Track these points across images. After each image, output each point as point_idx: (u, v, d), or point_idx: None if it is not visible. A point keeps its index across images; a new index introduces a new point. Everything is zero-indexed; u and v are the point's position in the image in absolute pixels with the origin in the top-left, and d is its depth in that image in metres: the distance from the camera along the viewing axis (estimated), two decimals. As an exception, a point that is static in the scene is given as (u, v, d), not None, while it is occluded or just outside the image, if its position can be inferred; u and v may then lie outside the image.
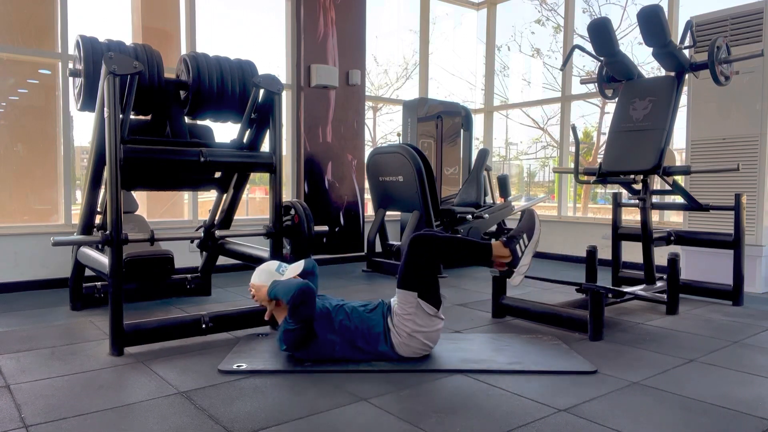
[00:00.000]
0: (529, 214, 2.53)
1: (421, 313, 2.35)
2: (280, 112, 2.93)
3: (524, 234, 2.48)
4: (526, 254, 2.46)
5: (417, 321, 2.35)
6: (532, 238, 2.48)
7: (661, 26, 3.17)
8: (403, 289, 2.36)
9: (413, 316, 2.34)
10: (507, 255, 2.46)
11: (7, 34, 4.45)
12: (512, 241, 2.47)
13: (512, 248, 2.45)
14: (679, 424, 1.81)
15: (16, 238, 4.03)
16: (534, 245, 2.49)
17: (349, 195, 5.51)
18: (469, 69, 8.13)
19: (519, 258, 2.45)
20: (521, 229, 2.50)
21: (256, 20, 7.53)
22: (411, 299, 2.34)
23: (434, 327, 2.40)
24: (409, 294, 2.35)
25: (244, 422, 1.80)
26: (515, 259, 2.45)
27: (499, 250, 2.45)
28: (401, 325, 2.35)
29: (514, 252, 2.45)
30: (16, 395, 2.03)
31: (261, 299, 2.49)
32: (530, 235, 2.48)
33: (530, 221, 2.50)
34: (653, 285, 3.46)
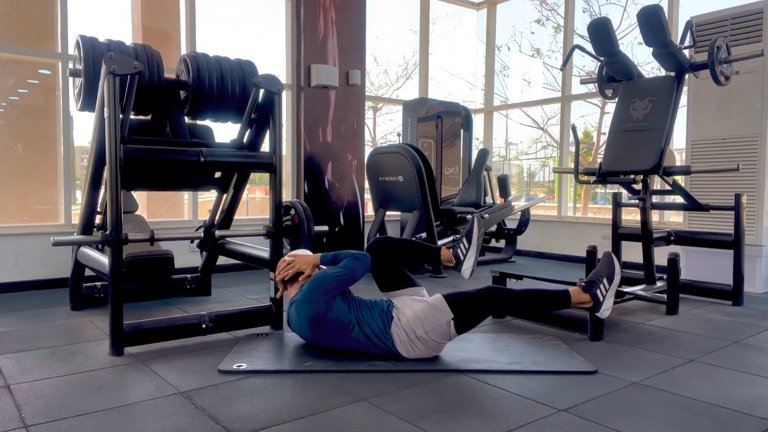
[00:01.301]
0: (608, 258, 2.53)
1: (443, 331, 2.35)
2: (280, 112, 2.93)
3: (604, 278, 2.50)
4: (608, 297, 2.48)
5: (431, 332, 2.34)
6: (612, 282, 2.49)
7: (661, 26, 3.17)
8: (447, 304, 2.36)
9: (433, 326, 2.34)
10: (588, 300, 2.49)
11: (7, 34, 4.45)
12: (592, 286, 2.49)
13: (593, 294, 2.48)
14: (679, 424, 1.81)
15: (16, 238, 4.03)
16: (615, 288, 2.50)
17: (349, 195, 5.51)
18: (469, 69, 8.13)
19: (601, 303, 2.48)
20: (600, 273, 2.51)
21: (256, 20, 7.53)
22: (445, 316, 2.34)
23: (441, 343, 2.41)
24: (447, 311, 2.34)
25: (244, 422, 1.80)
26: (597, 305, 2.49)
27: (579, 296, 2.48)
28: (413, 323, 2.34)
29: (595, 297, 2.48)
30: (16, 395, 2.03)
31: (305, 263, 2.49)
32: (611, 279, 2.49)
33: (610, 265, 2.51)
34: (653, 285, 3.46)
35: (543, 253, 6.05)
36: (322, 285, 2.37)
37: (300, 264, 2.50)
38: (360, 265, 2.42)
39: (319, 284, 2.38)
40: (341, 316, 2.36)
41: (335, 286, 2.37)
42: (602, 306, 2.49)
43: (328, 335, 2.40)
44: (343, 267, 2.41)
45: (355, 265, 2.41)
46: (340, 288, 2.39)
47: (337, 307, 2.37)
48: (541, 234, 6.06)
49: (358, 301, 2.45)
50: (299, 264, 2.50)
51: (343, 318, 2.36)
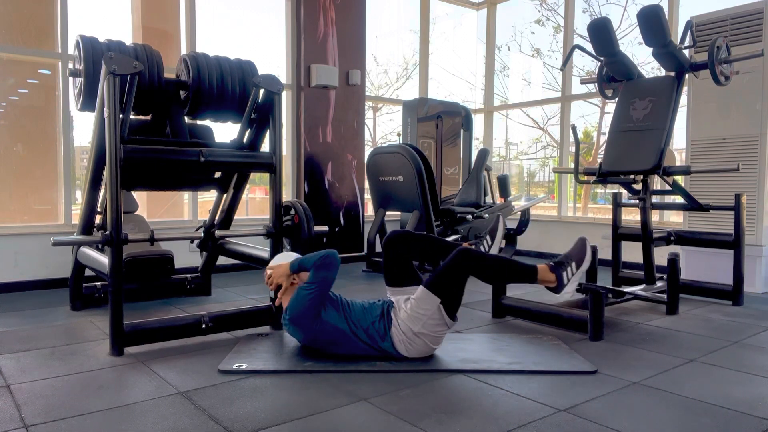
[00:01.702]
0: (581, 243, 2.54)
1: (436, 318, 2.35)
2: (280, 112, 2.93)
3: (573, 261, 2.50)
4: (572, 281, 2.48)
5: (428, 323, 2.35)
6: (581, 266, 2.49)
7: (661, 26, 3.17)
8: (429, 291, 2.35)
9: (426, 318, 2.34)
10: (552, 280, 2.48)
11: (7, 34, 4.45)
12: (560, 267, 2.49)
13: (558, 274, 2.48)
14: (679, 424, 1.81)
15: (16, 238, 4.03)
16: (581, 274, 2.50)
17: (349, 195, 5.51)
18: (469, 69, 8.12)
19: (564, 285, 2.47)
20: (570, 256, 2.52)
21: (256, 20, 7.53)
22: (432, 303, 2.34)
23: (440, 333, 2.41)
24: (432, 297, 2.34)
25: (244, 422, 1.80)
26: (560, 286, 2.48)
27: (545, 274, 2.48)
28: (409, 321, 2.35)
29: (560, 278, 2.47)
30: (16, 395, 2.03)
31: (279, 275, 2.48)
32: (579, 264, 2.49)
33: (582, 250, 2.52)
34: (653, 285, 3.46)
35: (543, 253, 6.05)
36: (300, 308, 2.35)
37: (276, 278, 2.50)
38: (327, 272, 2.37)
39: (297, 308, 2.36)
40: (335, 330, 2.36)
41: (312, 303, 2.34)
42: (564, 288, 2.47)
43: (329, 347, 2.42)
44: (312, 280, 2.36)
45: (322, 273, 2.36)
46: (319, 300, 2.36)
47: (328, 322, 2.36)
48: (541, 234, 6.06)
49: (352, 308, 2.44)
50: (276, 278, 2.50)
51: (336, 332, 2.37)
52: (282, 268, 2.49)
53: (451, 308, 2.37)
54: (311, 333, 2.39)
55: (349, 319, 2.39)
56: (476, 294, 3.96)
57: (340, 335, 2.37)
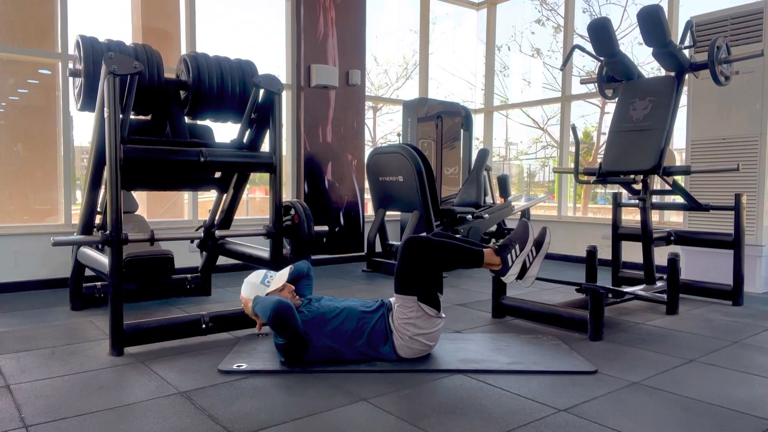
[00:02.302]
0: (523, 225, 2.56)
1: (423, 315, 2.35)
2: (280, 112, 2.93)
3: (516, 244, 2.52)
4: (516, 264, 2.50)
5: (419, 324, 2.35)
6: (524, 248, 2.52)
7: (661, 26, 3.17)
8: (403, 295, 2.35)
9: (415, 319, 2.34)
10: (498, 263, 2.49)
11: (7, 34, 4.45)
12: (504, 250, 2.50)
13: (503, 257, 2.49)
14: (679, 424, 1.81)
15: (16, 238, 4.03)
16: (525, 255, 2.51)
17: (349, 195, 5.51)
18: (469, 69, 8.13)
19: (509, 267, 2.49)
20: (513, 238, 2.54)
21: (256, 20, 7.53)
22: (411, 303, 2.34)
23: (436, 328, 2.40)
24: (408, 299, 2.34)
25: (244, 422, 1.80)
26: (505, 267, 2.49)
27: (491, 257, 2.48)
28: (403, 328, 2.35)
29: (505, 261, 2.49)
30: (16, 395, 2.03)
31: (249, 313, 2.53)
32: (522, 245, 2.52)
33: (525, 232, 2.54)
34: (653, 285, 3.46)
35: (543, 253, 6.04)
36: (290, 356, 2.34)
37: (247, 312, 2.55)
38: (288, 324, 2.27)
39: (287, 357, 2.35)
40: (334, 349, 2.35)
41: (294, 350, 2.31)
42: (509, 270, 2.47)
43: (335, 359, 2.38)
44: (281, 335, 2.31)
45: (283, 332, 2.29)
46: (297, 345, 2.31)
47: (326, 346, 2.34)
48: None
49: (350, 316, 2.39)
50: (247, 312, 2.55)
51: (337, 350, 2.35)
52: (248, 307, 2.52)
53: (430, 299, 2.36)
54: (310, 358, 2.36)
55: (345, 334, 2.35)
56: (476, 294, 3.97)
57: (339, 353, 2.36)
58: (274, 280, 2.54)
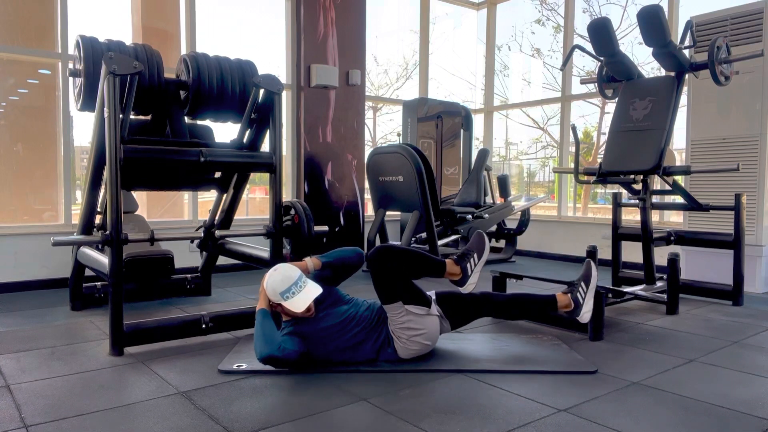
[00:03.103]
0: (479, 235, 2.65)
1: (413, 317, 2.35)
2: (280, 112, 2.93)
3: (474, 253, 2.61)
4: (475, 272, 2.59)
5: (413, 326, 2.36)
6: (482, 257, 2.61)
7: (661, 26, 3.17)
8: (388, 304, 2.37)
9: (407, 323, 2.36)
10: (458, 273, 2.58)
11: (7, 34, 4.45)
12: (463, 260, 2.59)
13: (463, 266, 2.58)
14: (679, 424, 1.81)
15: (16, 238, 4.03)
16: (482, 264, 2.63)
17: (349, 195, 5.51)
18: (469, 69, 8.12)
19: (468, 276, 2.58)
20: (471, 248, 2.63)
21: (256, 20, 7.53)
22: (399, 309, 2.36)
23: (430, 325, 2.39)
24: (395, 305, 2.36)
25: (244, 422, 1.80)
26: (465, 277, 2.58)
27: (452, 267, 2.57)
28: (400, 332, 2.37)
29: (465, 270, 2.58)
30: (16, 395, 2.03)
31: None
32: (480, 255, 2.61)
33: (481, 241, 2.64)
34: (653, 285, 3.46)
35: (543, 253, 6.05)
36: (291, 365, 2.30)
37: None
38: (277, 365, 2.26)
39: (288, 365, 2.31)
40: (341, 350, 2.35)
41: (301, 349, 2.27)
42: (469, 279, 2.57)
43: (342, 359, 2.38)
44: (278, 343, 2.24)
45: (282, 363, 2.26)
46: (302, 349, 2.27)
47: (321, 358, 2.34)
48: (541, 234, 6.06)
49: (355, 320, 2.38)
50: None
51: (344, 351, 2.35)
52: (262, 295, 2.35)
53: (416, 299, 2.38)
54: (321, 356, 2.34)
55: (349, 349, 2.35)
56: (476, 294, 3.96)
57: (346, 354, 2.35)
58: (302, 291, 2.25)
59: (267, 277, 2.31)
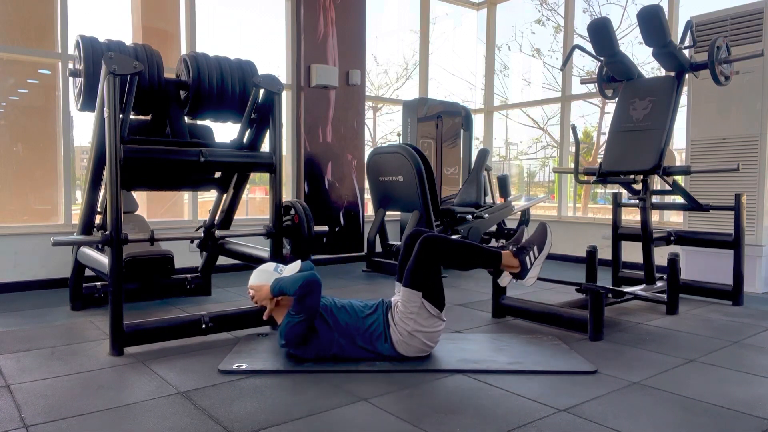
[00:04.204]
0: (541, 227, 2.54)
1: (424, 313, 2.35)
2: (280, 112, 2.93)
3: (535, 246, 2.49)
4: (535, 266, 2.48)
5: (419, 320, 2.35)
6: (542, 250, 2.49)
7: (661, 26, 3.17)
8: (410, 288, 2.35)
9: (416, 315, 2.34)
10: (516, 265, 2.48)
11: (7, 34, 4.45)
12: (522, 252, 2.48)
13: (521, 259, 2.47)
14: (679, 424, 1.81)
15: (16, 238, 4.03)
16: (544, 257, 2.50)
17: (349, 195, 5.51)
18: (469, 69, 8.13)
19: (528, 270, 2.47)
20: (532, 240, 2.50)
21: (256, 20, 7.53)
22: (416, 299, 2.34)
23: (436, 328, 2.40)
24: (414, 293, 2.34)
25: (244, 422, 1.80)
26: (524, 270, 2.48)
27: (509, 259, 2.47)
28: (402, 323, 2.35)
29: (523, 263, 2.47)
30: (16, 395, 2.03)
31: (262, 299, 2.47)
32: (541, 248, 2.49)
33: (543, 234, 2.51)
34: (653, 285, 3.46)
35: (543, 253, 6.04)
36: (293, 335, 2.32)
37: (259, 300, 2.47)
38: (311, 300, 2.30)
39: (289, 336, 2.33)
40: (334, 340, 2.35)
41: (302, 329, 2.31)
42: (528, 273, 2.48)
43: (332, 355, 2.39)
44: (298, 310, 2.30)
45: (306, 302, 2.29)
46: (309, 323, 2.32)
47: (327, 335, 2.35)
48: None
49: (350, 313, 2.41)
50: (259, 300, 2.47)
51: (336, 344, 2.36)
52: (263, 291, 2.43)
53: (435, 298, 2.36)
54: (312, 351, 2.37)
55: (346, 329, 2.37)
56: (476, 294, 3.96)
57: (338, 346, 2.36)
58: (285, 269, 2.52)
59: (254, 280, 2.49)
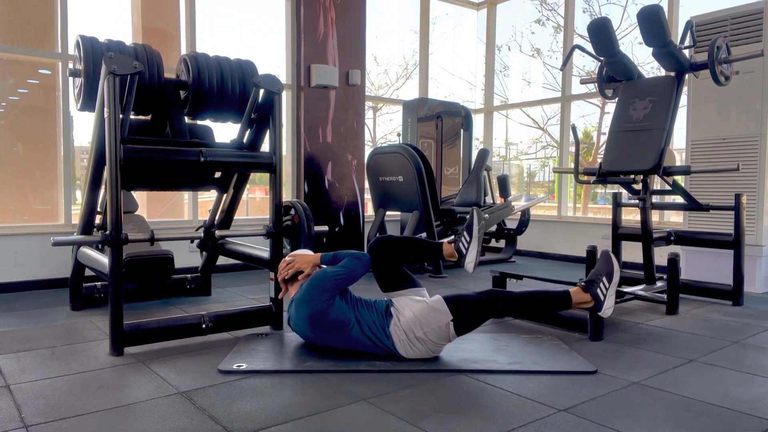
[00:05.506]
0: (606, 256, 2.50)
1: (441, 331, 2.34)
2: (280, 112, 2.93)
3: (603, 277, 2.47)
4: (609, 296, 2.45)
5: (431, 332, 2.34)
6: (612, 280, 2.46)
7: (661, 26, 3.17)
8: (446, 304, 2.35)
9: (432, 327, 2.33)
10: (589, 300, 2.46)
11: (7, 34, 4.45)
12: (592, 285, 2.46)
13: (593, 293, 2.46)
14: (679, 424, 1.81)
15: (16, 238, 4.03)
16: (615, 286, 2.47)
17: (349, 195, 5.51)
18: (469, 69, 8.13)
19: (602, 302, 2.45)
20: (599, 271, 2.48)
21: (256, 20, 7.53)
22: (444, 317, 2.33)
23: (440, 344, 2.41)
24: (446, 312, 2.33)
25: (244, 422, 1.80)
26: (598, 304, 2.45)
27: (579, 296, 2.46)
28: (413, 323, 2.34)
29: (596, 297, 2.45)
30: (16, 395, 2.03)
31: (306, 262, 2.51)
32: (610, 278, 2.46)
33: (609, 264, 2.48)
34: (653, 285, 3.46)
35: (543, 253, 6.05)
36: (321, 283, 2.37)
37: (300, 263, 2.52)
38: (360, 265, 2.43)
39: (317, 282, 2.38)
40: (341, 316, 2.36)
41: (334, 285, 2.38)
42: (604, 305, 2.46)
43: (329, 334, 2.41)
44: (342, 266, 2.42)
45: (354, 264, 2.42)
46: (340, 287, 2.40)
47: (337, 307, 2.37)
48: (541, 234, 6.06)
49: (358, 301, 2.46)
50: (299, 263, 2.52)
51: (343, 317, 2.36)
52: (310, 256, 2.53)
53: (460, 329, 2.37)
54: (317, 313, 2.36)
55: (355, 312, 2.39)
56: (476, 294, 3.96)
57: (343, 325, 2.36)
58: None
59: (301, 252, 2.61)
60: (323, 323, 2.38)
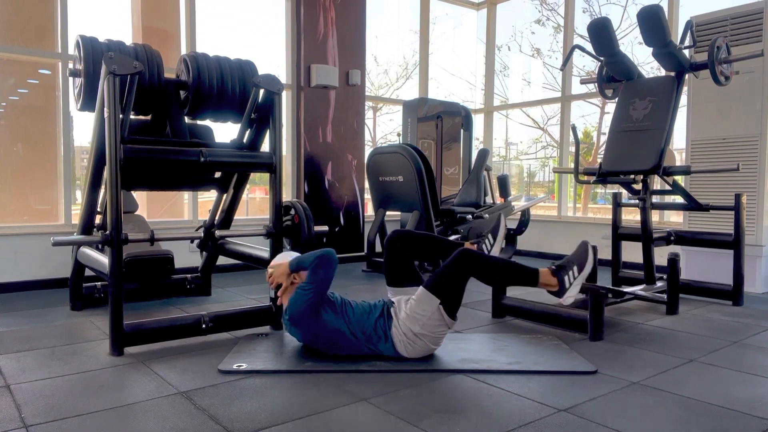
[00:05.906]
0: (583, 246, 2.49)
1: (435, 318, 2.34)
2: (280, 112, 2.93)
3: (575, 265, 2.46)
4: (575, 285, 2.44)
5: (427, 324, 2.34)
6: (582, 270, 2.45)
7: (661, 26, 3.17)
8: (429, 292, 2.35)
9: (425, 319, 2.34)
10: (554, 284, 2.45)
11: (7, 34, 4.45)
12: (561, 270, 2.45)
13: (560, 278, 2.44)
14: (679, 424, 1.81)
15: (16, 238, 4.03)
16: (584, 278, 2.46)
17: (349, 195, 5.51)
18: (469, 69, 8.13)
19: (566, 289, 2.43)
20: (573, 259, 2.48)
21: (256, 20, 7.53)
22: (432, 304, 2.33)
23: (440, 333, 2.40)
24: (432, 298, 2.33)
25: (244, 422, 1.80)
26: (562, 290, 2.44)
27: (547, 278, 2.44)
28: (408, 322, 2.35)
29: (562, 282, 2.44)
30: (16, 395, 2.03)
31: (279, 275, 2.48)
32: (581, 268, 2.45)
33: (584, 254, 2.47)
34: (653, 285, 3.46)
35: (543, 253, 6.05)
36: (299, 308, 2.35)
37: (276, 277, 2.49)
38: (324, 271, 2.36)
39: (295, 308, 2.35)
40: (335, 331, 2.36)
41: (310, 303, 2.34)
42: (567, 293, 2.43)
43: (329, 348, 2.42)
44: (310, 280, 2.35)
45: (320, 274, 2.35)
46: (317, 300, 2.36)
47: (328, 322, 2.36)
48: (541, 234, 6.06)
49: (354, 308, 2.44)
50: (276, 277, 2.49)
51: (337, 332, 2.37)
52: (282, 267, 2.49)
53: (452, 309, 2.36)
54: (311, 333, 2.40)
55: (348, 321, 2.38)
56: (476, 294, 3.96)
57: (339, 337, 2.37)
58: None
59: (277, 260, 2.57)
60: (321, 340, 2.41)
